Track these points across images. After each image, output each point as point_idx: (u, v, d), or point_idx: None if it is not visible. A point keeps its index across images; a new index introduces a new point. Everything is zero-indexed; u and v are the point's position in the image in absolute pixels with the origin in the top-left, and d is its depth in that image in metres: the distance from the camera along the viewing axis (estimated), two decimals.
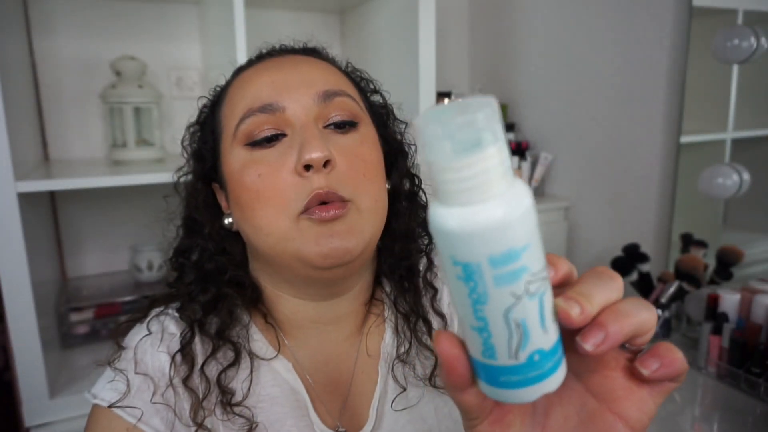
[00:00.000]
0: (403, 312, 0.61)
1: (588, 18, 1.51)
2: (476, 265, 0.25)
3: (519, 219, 0.24)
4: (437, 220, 0.25)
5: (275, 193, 0.50)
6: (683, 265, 1.24)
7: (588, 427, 0.31)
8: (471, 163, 0.23)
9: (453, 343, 0.29)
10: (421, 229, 0.63)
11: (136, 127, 1.29)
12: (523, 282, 0.25)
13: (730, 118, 1.29)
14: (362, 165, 0.52)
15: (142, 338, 0.55)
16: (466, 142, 0.23)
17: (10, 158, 0.94)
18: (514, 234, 0.24)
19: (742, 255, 1.23)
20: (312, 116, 0.52)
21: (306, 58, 0.58)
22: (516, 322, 0.26)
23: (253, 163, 0.51)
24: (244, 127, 0.52)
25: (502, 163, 0.24)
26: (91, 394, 0.53)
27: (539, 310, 0.26)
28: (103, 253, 1.47)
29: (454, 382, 0.29)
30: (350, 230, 0.50)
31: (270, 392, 0.56)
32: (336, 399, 0.58)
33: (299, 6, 1.60)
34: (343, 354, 0.60)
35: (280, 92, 0.52)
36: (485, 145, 0.23)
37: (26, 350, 0.99)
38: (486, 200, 0.24)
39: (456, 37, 1.95)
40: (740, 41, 1.11)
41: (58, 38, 1.36)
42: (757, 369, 1.02)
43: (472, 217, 0.24)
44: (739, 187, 1.17)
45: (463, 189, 0.24)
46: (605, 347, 0.27)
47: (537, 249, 0.25)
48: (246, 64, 0.59)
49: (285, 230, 0.50)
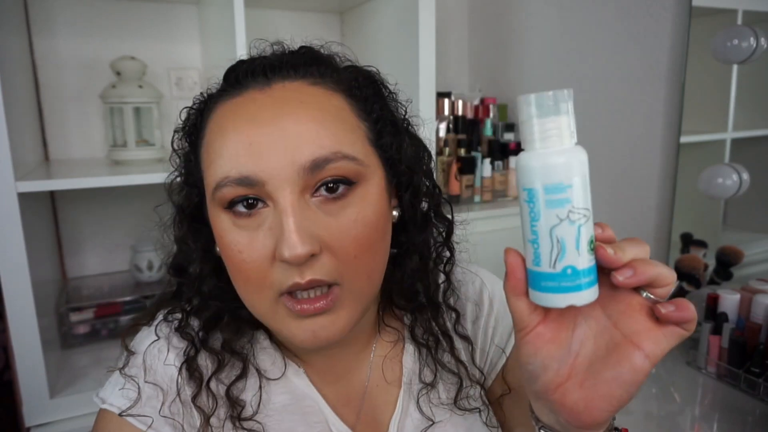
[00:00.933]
0: (422, 336, 0.59)
1: (588, 18, 1.51)
2: (535, 191, 0.35)
3: (569, 165, 0.35)
4: (520, 160, 0.36)
5: (254, 275, 0.46)
6: (683, 265, 1.25)
7: (612, 354, 0.37)
8: (548, 122, 0.35)
9: (516, 255, 0.38)
10: (443, 244, 0.59)
11: (136, 127, 1.29)
12: (566, 210, 0.35)
13: (729, 118, 1.29)
14: (354, 244, 0.46)
15: (151, 344, 0.54)
16: (548, 109, 0.35)
17: (10, 158, 0.94)
18: (564, 173, 0.35)
19: (742, 255, 1.23)
20: (297, 191, 0.45)
21: (295, 87, 0.49)
22: (557, 237, 0.35)
23: (234, 232, 0.47)
24: (221, 194, 0.46)
25: (569, 128, 0.35)
26: (100, 398, 0.53)
27: (576, 235, 0.35)
28: (103, 253, 1.47)
29: (513, 286, 0.38)
30: (336, 319, 0.47)
31: (280, 400, 0.55)
32: (350, 410, 0.57)
33: (299, 6, 1.60)
34: (354, 370, 0.59)
35: (258, 161, 0.45)
36: (560, 114, 0.35)
37: (26, 350, 0.99)
38: (552, 148, 0.35)
39: (456, 37, 1.95)
40: (740, 41, 1.11)
41: (58, 38, 1.36)
42: (756, 369, 1.02)
43: (540, 155, 0.35)
44: (739, 187, 1.17)
45: (540, 138, 0.35)
46: (632, 281, 0.35)
47: (581, 191, 0.35)
48: (231, 81, 0.52)
49: (267, 309, 0.48)
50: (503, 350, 0.62)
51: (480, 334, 0.63)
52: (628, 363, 0.36)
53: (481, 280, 0.65)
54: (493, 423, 0.61)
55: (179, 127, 0.56)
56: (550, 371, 0.39)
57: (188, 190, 0.55)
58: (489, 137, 1.71)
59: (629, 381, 0.36)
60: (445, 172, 1.61)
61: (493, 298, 0.64)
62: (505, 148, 1.67)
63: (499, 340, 0.63)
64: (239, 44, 1.09)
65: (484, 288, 0.64)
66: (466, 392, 0.59)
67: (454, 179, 1.59)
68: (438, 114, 1.65)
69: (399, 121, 0.55)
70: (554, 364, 0.39)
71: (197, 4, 1.49)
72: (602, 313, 0.39)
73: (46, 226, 1.32)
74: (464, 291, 0.64)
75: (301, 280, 0.45)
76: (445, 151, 1.61)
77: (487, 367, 0.63)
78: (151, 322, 0.57)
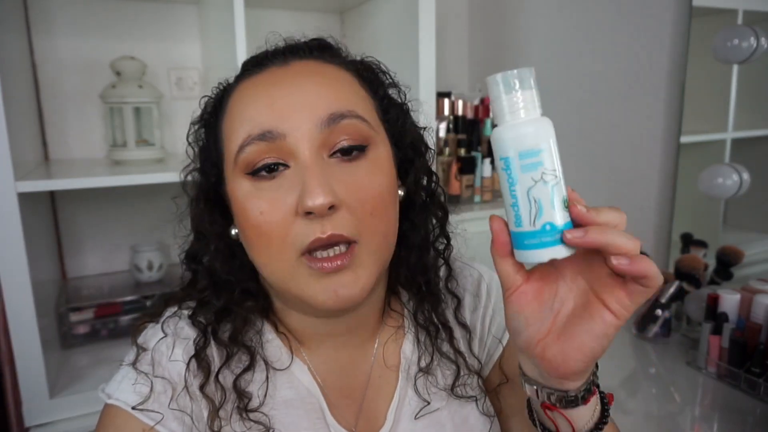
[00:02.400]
0: (423, 323, 0.60)
1: (588, 18, 1.51)
2: (511, 159, 0.39)
3: (538, 132, 0.39)
4: (494, 134, 0.40)
5: (276, 234, 0.48)
6: (683, 265, 1.24)
7: (585, 311, 0.41)
8: (515, 97, 0.39)
9: (500, 220, 0.42)
10: (440, 232, 0.61)
11: (136, 127, 1.29)
12: (539, 172, 0.38)
13: (730, 118, 1.29)
14: (370, 201, 0.49)
15: (159, 340, 0.54)
16: (514, 85, 0.39)
17: (10, 158, 0.94)
18: (534, 140, 0.38)
19: (742, 255, 1.23)
20: (315, 145, 0.48)
21: (311, 64, 0.53)
22: (534, 198, 0.39)
23: (255, 197, 0.49)
24: (244, 156, 0.49)
25: (533, 101, 0.39)
26: (106, 394, 0.53)
27: (551, 195, 0.39)
28: (103, 253, 1.47)
29: (498, 248, 0.42)
30: (356, 278, 0.49)
31: (285, 395, 0.56)
32: (352, 404, 0.58)
33: (299, 6, 1.60)
34: (358, 360, 0.59)
35: (280, 116, 0.48)
36: (524, 89, 0.39)
37: (26, 350, 0.99)
38: (522, 119, 0.39)
39: (456, 37, 1.95)
40: (740, 41, 1.11)
41: (58, 38, 1.36)
42: (757, 369, 1.02)
43: (511, 127, 0.39)
44: (739, 187, 1.17)
45: (509, 112, 0.39)
46: (579, 242, 0.38)
47: (550, 156, 0.39)
48: (250, 66, 0.56)
49: (287, 271, 0.49)
50: (500, 340, 0.64)
51: (478, 324, 0.64)
52: (599, 318, 0.40)
53: (479, 273, 0.67)
54: (490, 412, 0.62)
55: (195, 119, 0.58)
56: (532, 327, 0.43)
57: (206, 171, 0.56)
58: (489, 137, 1.71)
59: (600, 333, 0.40)
60: (445, 172, 1.61)
61: (490, 290, 0.66)
62: None
63: (496, 331, 0.64)
64: (239, 44, 1.09)
65: (482, 280, 0.66)
66: (464, 380, 0.61)
67: (454, 179, 1.59)
68: (438, 114, 1.65)
69: (402, 105, 0.59)
70: (536, 320, 0.43)
71: (197, 4, 1.49)
72: (582, 278, 0.42)
73: (46, 226, 1.32)
74: (463, 283, 0.65)
75: (322, 234, 0.46)
76: (445, 151, 1.61)
77: (484, 357, 0.64)
78: (158, 319, 0.57)
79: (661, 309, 1.23)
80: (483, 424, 0.61)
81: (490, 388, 0.64)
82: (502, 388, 0.62)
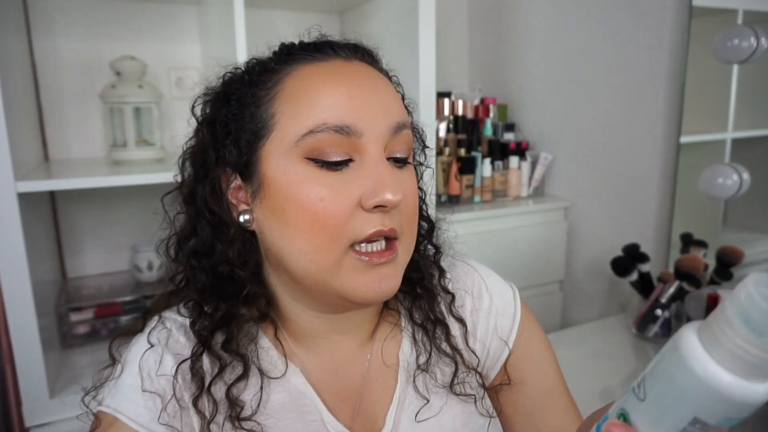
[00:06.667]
0: (420, 321, 0.61)
1: (588, 18, 1.51)
2: (705, 422, 0.29)
3: (756, 405, 0.29)
4: (710, 372, 0.28)
5: (335, 222, 0.48)
6: (683, 265, 1.24)
7: None
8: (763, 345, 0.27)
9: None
10: (425, 240, 0.63)
11: (136, 127, 1.29)
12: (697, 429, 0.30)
13: (730, 118, 1.29)
14: (412, 206, 0.53)
15: (145, 352, 0.54)
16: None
17: (10, 158, 0.94)
18: (748, 412, 0.29)
19: (742, 255, 1.23)
20: (382, 147, 0.50)
21: (370, 68, 0.54)
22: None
23: (317, 183, 0.48)
24: (313, 141, 0.48)
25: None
26: (97, 401, 0.53)
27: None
28: (103, 253, 1.47)
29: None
30: (395, 273, 0.51)
31: (277, 399, 0.55)
32: (347, 406, 0.58)
33: (299, 6, 1.60)
34: (354, 362, 0.59)
35: (361, 115, 0.49)
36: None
37: (26, 350, 0.99)
38: (759, 382, 0.28)
39: (456, 37, 1.95)
40: (740, 41, 1.11)
41: (58, 38, 1.36)
42: None
43: (748, 390, 0.28)
44: (739, 187, 1.17)
45: (753, 365, 0.27)
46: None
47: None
48: (303, 53, 0.53)
49: (333, 260, 0.49)
50: (506, 343, 0.63)
51: (480, 326, 0.64)
52: None
53: (478, 275, 0.66)
54: (491, 412, 0.62)
55: (212, 90, 0.57)
56: None
57: (227, 145, 0.52)
58: (489, 137, 1.71)
59: None
60: (445, 172, 1.61)
61: (492, 293, 0.65)
62: (505, 148, 1.67)
63: (501, 333, 0.64)
64: (239, 44, 1.09)
65: (482, 282, 0.65)
66: (462, 377, 0.60)
67: (454, 179, 1.59)
68: (438, 114, 1.65)
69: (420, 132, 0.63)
70: None
71: (197, 4, 1.49)
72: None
73: (46, 226, 1.32)
74: (456, 277, 0.65)
75: (383, 227, 0.49)
76: (445, 151, 1.61)
77: (489, 360, 0.64)
78: (143, 329, 0.56)
79: (661, 309, 1.23)
80: (483, 423, 0.60)
81: (491, 387, 0.63)
82: (504, 388, 0.62)
